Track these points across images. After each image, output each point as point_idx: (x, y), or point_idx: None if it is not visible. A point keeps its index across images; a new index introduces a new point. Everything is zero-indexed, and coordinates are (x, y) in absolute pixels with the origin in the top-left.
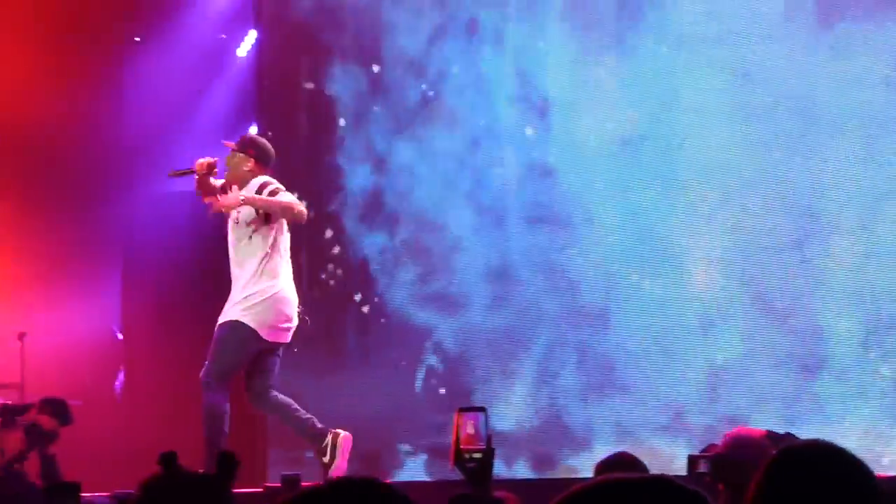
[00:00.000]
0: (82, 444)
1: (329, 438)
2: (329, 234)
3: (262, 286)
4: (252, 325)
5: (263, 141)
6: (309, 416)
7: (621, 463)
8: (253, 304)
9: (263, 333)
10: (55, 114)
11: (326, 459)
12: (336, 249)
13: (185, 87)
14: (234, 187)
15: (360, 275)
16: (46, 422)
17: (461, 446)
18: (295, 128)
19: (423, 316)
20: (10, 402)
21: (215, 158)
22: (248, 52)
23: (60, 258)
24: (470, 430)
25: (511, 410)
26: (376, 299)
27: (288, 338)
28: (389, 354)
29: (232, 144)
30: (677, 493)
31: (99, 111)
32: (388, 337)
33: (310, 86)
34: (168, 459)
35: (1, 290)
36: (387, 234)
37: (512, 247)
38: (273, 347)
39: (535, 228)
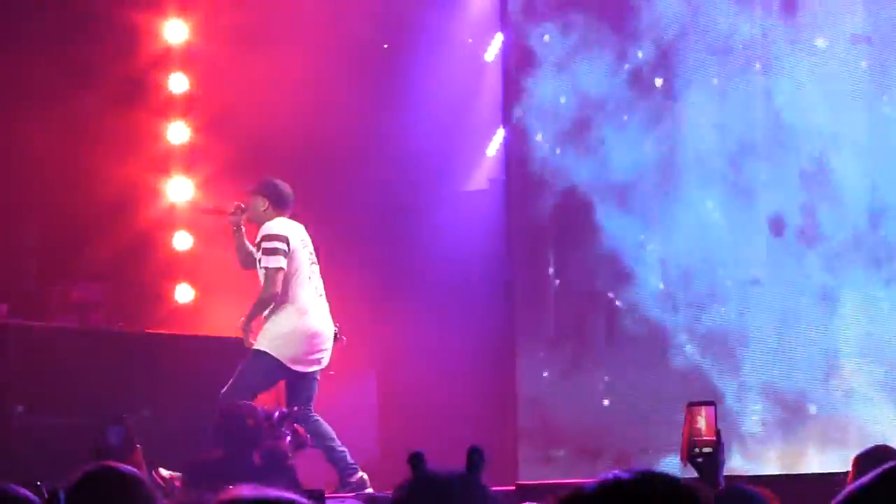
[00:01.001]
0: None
1: (358, 476)
2: (584, 230)
3: (288, 317)
4: (278, 356)
5: (280, 183)
6: (343, 448)
7: (881, 455)
8: (279, 335)
9: (290, 364)
10: (327, 123)
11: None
12: (589, 245)
13: (434, 92)
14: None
15: (611, 273)
16: (301, 431)
17: (692, 439)
18: (545, 130)
19: (670, 317)
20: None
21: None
22: (496, 55)
23: (352, 263)
24: (700, 424)
25: (758, 408)
26: (623, 299)
27: (322, 364)
28: (636, 354)
29: (251, 188)
30: None
31: (360, 120)
32: (635, 337)
33: (560, 87)
34: (416, 460)
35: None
36: (641, 232)
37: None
38: (306, 375)
39: (786, 237)
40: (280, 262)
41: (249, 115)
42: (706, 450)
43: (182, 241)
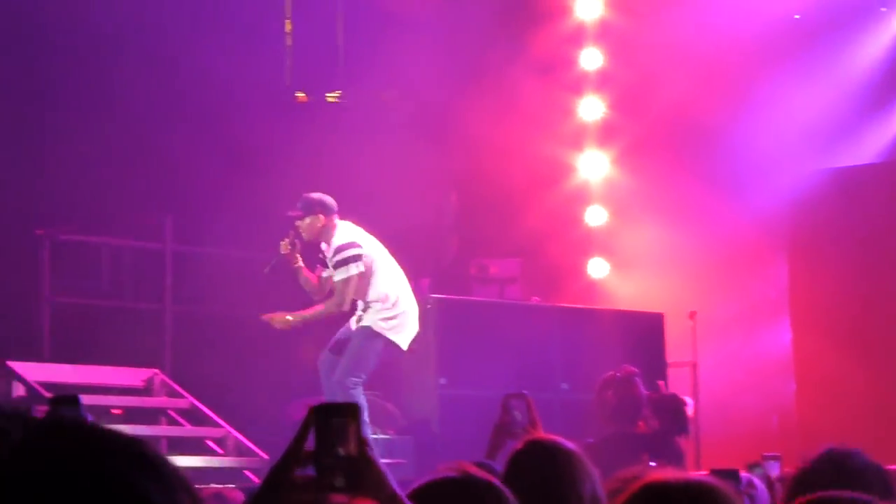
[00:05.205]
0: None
1: None
2: None
3: (391, 301)
4: (390, 337)
5: (321, 196)
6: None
7: None
8: (390, 317)
9: (403, 345)
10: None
11: None
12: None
13: (842, 63)
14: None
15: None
16: None
17: None
18: None
19: None
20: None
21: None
22: None
23: (728, 237)
24: None
25: None
26: None
27: None
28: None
29: (297, 213)
30: None
31: (771, 91)
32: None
33: None
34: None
35: (673, 269)
36: None
37: None
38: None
39: None
40: (350, 271)
41: (664, 88)
42: None
43: (596, 215)
